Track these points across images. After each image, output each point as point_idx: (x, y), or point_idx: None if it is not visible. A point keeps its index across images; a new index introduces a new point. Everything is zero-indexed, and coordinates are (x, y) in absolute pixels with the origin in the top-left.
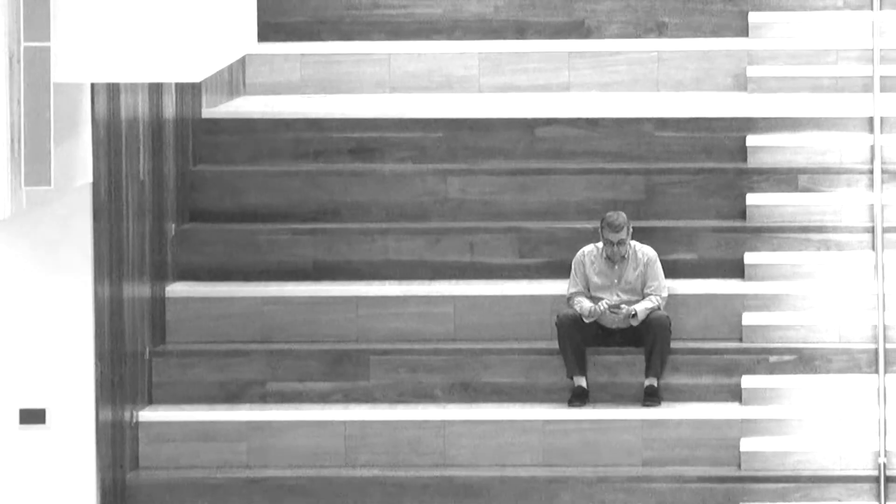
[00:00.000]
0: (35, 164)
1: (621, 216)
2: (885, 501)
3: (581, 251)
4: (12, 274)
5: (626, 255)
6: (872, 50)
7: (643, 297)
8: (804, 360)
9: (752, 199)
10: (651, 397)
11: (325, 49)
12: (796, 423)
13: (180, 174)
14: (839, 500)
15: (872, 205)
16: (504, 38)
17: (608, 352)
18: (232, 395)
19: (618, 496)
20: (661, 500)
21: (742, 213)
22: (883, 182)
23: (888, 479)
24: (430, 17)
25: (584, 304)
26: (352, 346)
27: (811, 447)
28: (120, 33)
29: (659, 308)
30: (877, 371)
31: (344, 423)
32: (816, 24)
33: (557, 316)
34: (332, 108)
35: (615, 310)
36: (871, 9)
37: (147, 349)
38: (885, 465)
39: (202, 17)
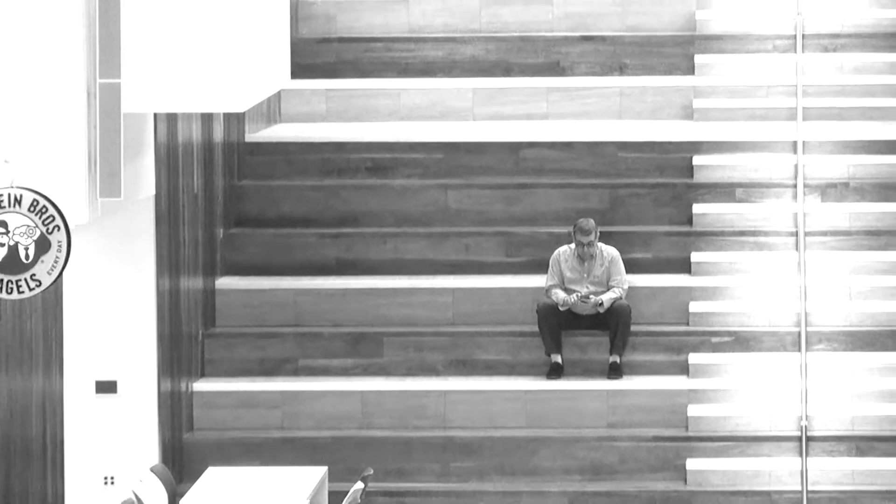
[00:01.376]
0: (108, 180)
1: (590, 222)
2: (806, 456)
3: (557, 251)
4: (90, 269)
5: (593, 255)
6: (796, 86)
7: (608, 289)
8: (740, 341)
9: (697, 208)
10: (614, 371)
11: (346, 85)
12: (733, 393)
13: (227, 188)
14: (769, 456)
15: (796, 213)
16: (493, 76)
17: (579, 334)
18: (269, 370)
19: (587, 453)
20: (622, 456)
21: (689, 220)
22: (805, 194)
23: (808, 439)
24: (433, 59)
25: (559, 295)
26: (368, 330)
27: (746, 412)
28: (177, 71)
29: (621, 298)
30: (799, 349)
31: (361, 392)
32: (750, 65)
33: (537, 304)
34: (351, 134)
35: (585, 300)
36: (795, 52)
37: (200, 331)
38: (806, 427)
39: (246, 58)
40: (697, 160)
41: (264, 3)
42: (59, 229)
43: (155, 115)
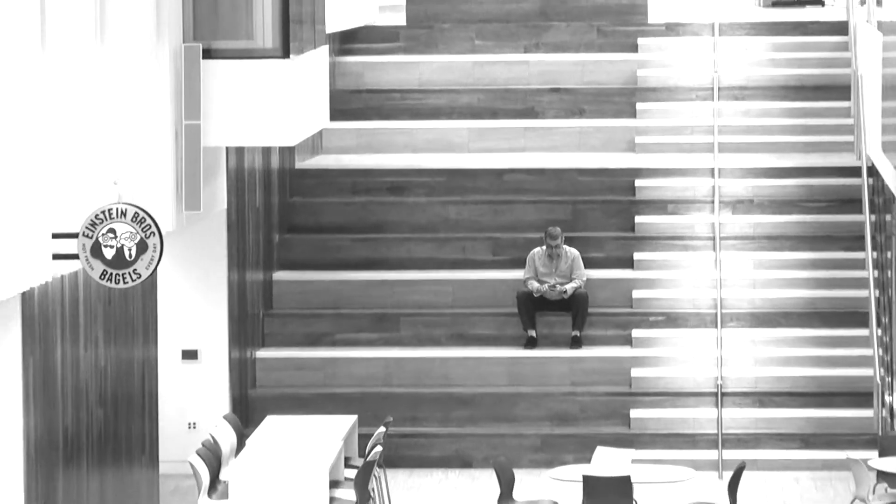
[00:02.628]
0: (191, 197)
1: (557, 229)
2: (721, 407)
3: (532, 251)
4: (178, 264)
5: (560, 254)
6: (713, 126)
7: (570, 280)
8: (671, 320)
9: (638, 219)
10: (575, 343)
11: (372, 125)
12: (666, 359)
13: (281, 203)
14: (693, 407)
15: (713, 223)
16: (483, 118)
17: (549, 314)
18: (313, 342)
19: (554, 405)
20: (582, 407)
21: (632, 228)
22: (720, 209)
23: (723, 395)
24: (437, 106)
25: (533, 285)
26: (389, 311)
27: (675, 374)
28: (243, 115)
29: (580, 287)
30: (716, 326)
31: (383, 358)
32: (678, 110)
33: (517, 292)
34: (375, 162)
35: (553, 288)
36: (713, 100)
37: (261, 312)
38: (721, 385)
39: (296, 105)
40: (638, 182)
41: (311, 65)
42: (154, 235)
43: (227, 147)
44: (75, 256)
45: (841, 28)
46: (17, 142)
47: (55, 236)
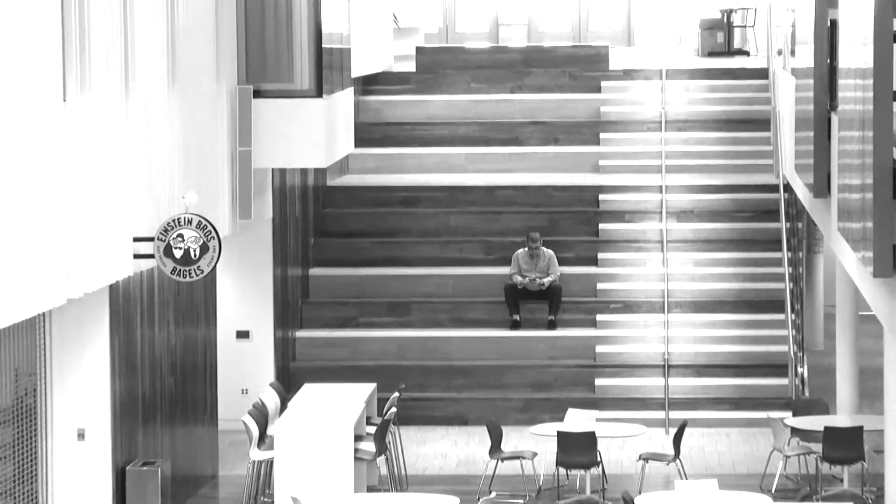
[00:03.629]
0: (243, 208)
1: (536, 234)
2: (667, 377)
3: (516, 252)
4: (233, 262)
5: (539, 254)
6: (661, 152)
7: (547, 275)
8: (627, 306)
9: (602, 226)
10: (551, 325)
11: (388, 151)
12: (623, 338)
13: (316, 214)
14: (645, 377)
15: (661, 229)
16: (478, 146)
17: (530, 303)
18: (341, 324)
19: (534, 375)
20: (556, 377)
21: (597, 233)
22: (667, 218)
23: (669, 367)
24: (441, 135)
25: (517, 279)
26: (401, 299)
27: (631, 350)
28: (285, 143)
29: (555, 280)
30: (664, 311)
31: (397, 338)
32: (634, 138)
33: (504, 284)
34: (391, 181)
35: (533, 282)
36: (661, 131)
37: (299, 300)
38: (667, 359)
39: (328, 137)
40: (602, 197)
41: (339, 103)
42: (214, 239)
43: (272, 169)
44: (151, 256)
45: (762, 73)
46: (104, 163)
47: (135, 240)
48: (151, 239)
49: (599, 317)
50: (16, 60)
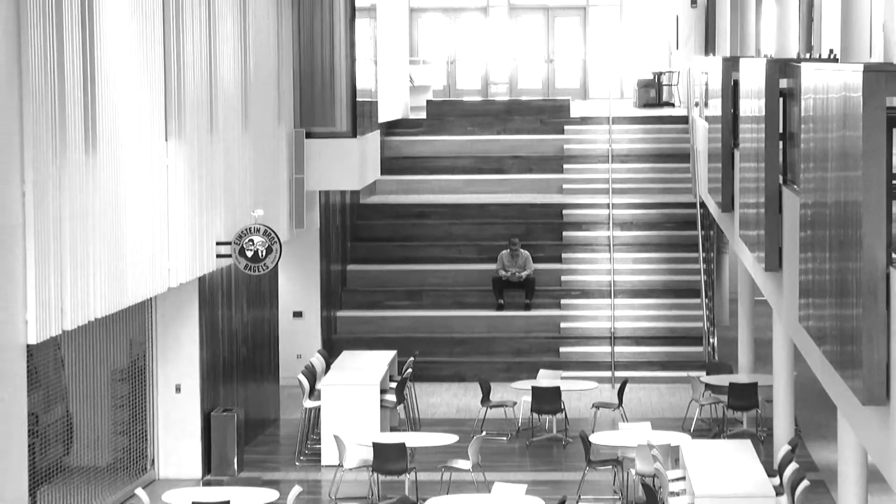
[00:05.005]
0: (298, 220)
1: (516, 239)
2: (613, 347)
3: (501, 252)
4: (290, 261)
5: (518, 254)
6: (609, 178)
7: (524, 270)
8: (584, 293)
9: (565, 234)
10: (527, 307)
11: (407, 177)
12: (580, 317)
13: (352, 224)
14: (597, 346)
15: (609, 235)
16: (473, 174)
17: (511, 290)
18: (371, 306)
19: (514, 344)
20: (530, 346)
21: (561, 238)
22: (613, 227)
23: (615, 337)
24: (446, 166)
25: (502, 273)
26: (415, 288)
27: (586, 326)
28: (329, 172)
29: (530, 274)
30: (611, 297)
31: (413, 316)
32: (588, 168)
33: (492, 277)
34: (409, 200)
35: (513, 275)
36: (608, 162)
37: (340, 288)
38: (613, 332)
39: (361, 168)
40: (565, 211)
41: (369, 141)
42: (276, 243)
43: (319, 191)
44: (229, 256)
45: (683, 120)
46: (195, 187)
47: (218, 244)
48: (229, 243)
49: (563, 301)
50: (133, 111)
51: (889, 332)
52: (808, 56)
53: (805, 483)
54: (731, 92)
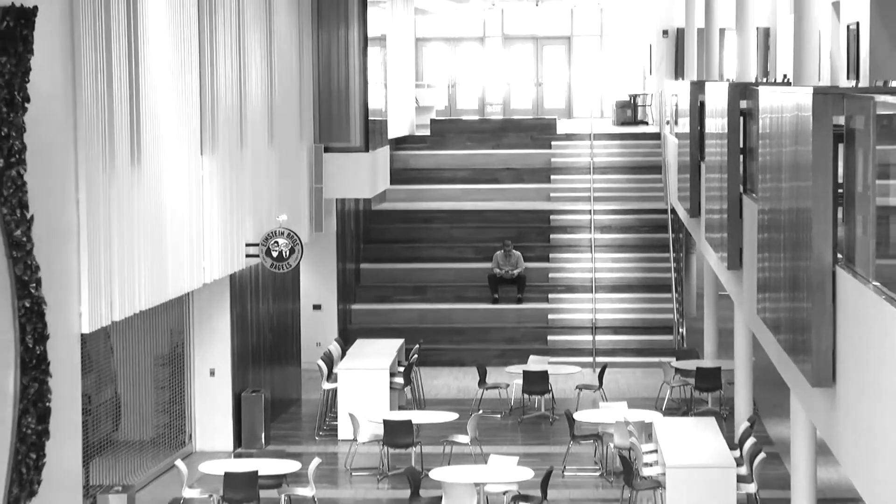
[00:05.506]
0: (317, 224)
1: (509, 241)
2: (595, 335)
3: (496, 252)
4: (311, 260)
5: (511, 254)
6: (590, 188)
7: (516, 268)
8: (569, 288)
9: (552, 236)
10: (518, 301)
11: (413, 187)
12: (566, 309)
13: (364, 228)
14: (581, 335)
15: (590, 238)
16: (471, 184)
17: (505, 286)
18: (382, 300)
19: (508, 333)
20: (522, 334)
21: (549, 241)
22: (594, 230)
23: (596, 327)
24: (447, 177)
25: (496, 271)
26: (421, 284)
27: (570, 317)
28: (344, 182)
29: (522, 271)
30: (592, 292)
31: (419, 309)
32: (573, 178)
33: (488, 274)
34: (415, 206)
35: (507, 273)
36: (590, 174)
37: (354, 284)
38: (595, 321)
39: (372, 177)
40: (552, 217)
41: (380, 155)
42: (298, 244)
43: (336, 199)
44: (256, 256)
45: (656, 136)
46: (227, 195)
47: (247, 245)
48: (257, 244)
49: (550, 295)
50: (173, 129)
51: (835, 323)
52: (764, 80)
53: (762, 455)
54: (698, 111)
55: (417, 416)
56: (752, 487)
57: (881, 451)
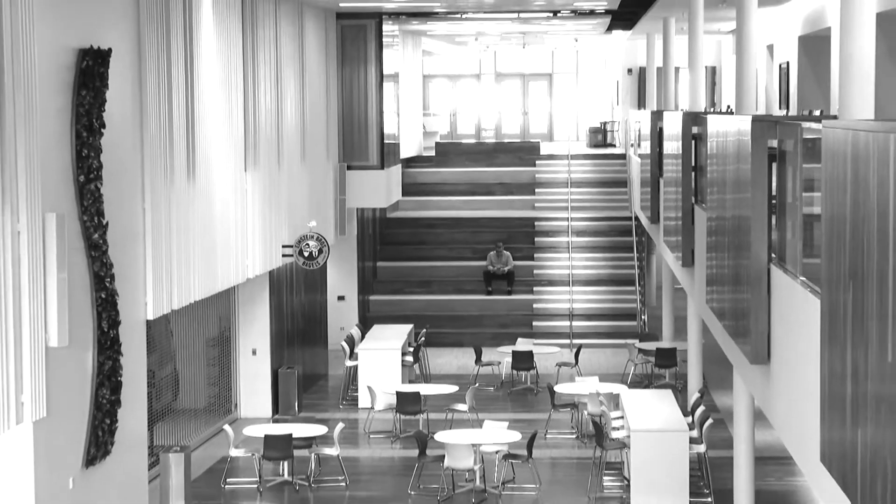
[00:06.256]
0: (341, 229)
1: (501, 243)
2: (571, 322)
3: (489, 252)
4: (336, 258)
5: (502, 254)
6: (568, 199)
7: (507, 266)
8: (550, 282)
9: (537, 239)
10: (509, 293)
11: (421, 198)
12: (548, 300)
13: (381, 232)
14: (563, 322)
15: (568, 241)
16: (469, 196)
17: (497, 281)
18: (395, 292)
19: (500, 319)
20: (511, 320)
21: (534, 243)
22: (571, 234)
23: (573, 315)
24: (449, 189)
25: (490, 268)
26: (427, 279)
27: (552, 306)
28: (364, 194)
29: (511, 269)
30: (569, 285)
31: (425, 300)
32: (553, 191)
33: (483, 271)
34: (424, 215)
35: (498, 270)
36: (568, 187)
37: (372, 279)
38: (571, 310)
39: (386, 190)
40: (536, 223)
41: (393, 172)
42: (325, 246)
43: (357, 208)
44: (290, 255)
45: (622, 157)
46: (267, 205)
47: (283, 246)
48: (291, 246)
49: (535, 288)
50: (221, 150)
51: (769, 311)
52: (712, 110)
53: (710, 421)
54: (657, 136)
55: (424, 389)
56: (701, 448)
57: (806, 416)
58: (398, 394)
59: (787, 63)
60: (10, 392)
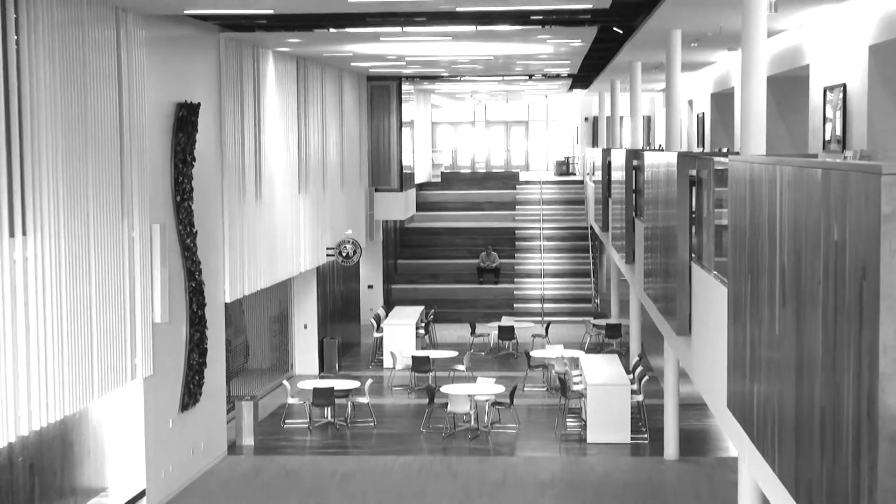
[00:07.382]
0: (370, 234)
1: (490, 246)
2: (543, 304)
3: (481, 253)
4: (367, 257)
5: (490, 253)
6: (540, 214)
7: (494, 263)
8: (529, 276)
9: (517, 243)
10: (496, 283)
11: (431, 213)
12: (527, 288)
13: (401, 238)
14: (534, 304)
15: (540, 245)
16: (467, 211)
17: (487, 274)
18: (411, 282)
19: (489, 302)
20: (498, 303)
21: (514, 245)
22: (542, 240)
23: (544, 300)
24: (452, 206)
25: (481, 264)
26: (434, 272)
27: (528, 293)
28: (387, 210)
29: (498, 265)
30: (541, 277)
31: (434, 288)
32: (529, 208)
33: (476, 266)
34: (432, 225)
35: (487, 266)
36: (539, 205)
37: (394, 273)
38: (543, 296)
39: (405, 207)
40: (517, 231)
41: (409, 194)
42: (359, 247)
43: (384, 220)
44: (332, 255)
45: (581, 182)
46: (315, 219)
47: (327, 248)
48: (333, 248)
49: (516, 279)
50: (281, 176)
51: (690, 297)
52: (648, 147)
53: (646, 378)
54: (607, 167)
55: (433, 354)
56: (640, 397)
57: (716, 374)
58: (413, 357)
59: (703, 113)
60: (126, 356)
